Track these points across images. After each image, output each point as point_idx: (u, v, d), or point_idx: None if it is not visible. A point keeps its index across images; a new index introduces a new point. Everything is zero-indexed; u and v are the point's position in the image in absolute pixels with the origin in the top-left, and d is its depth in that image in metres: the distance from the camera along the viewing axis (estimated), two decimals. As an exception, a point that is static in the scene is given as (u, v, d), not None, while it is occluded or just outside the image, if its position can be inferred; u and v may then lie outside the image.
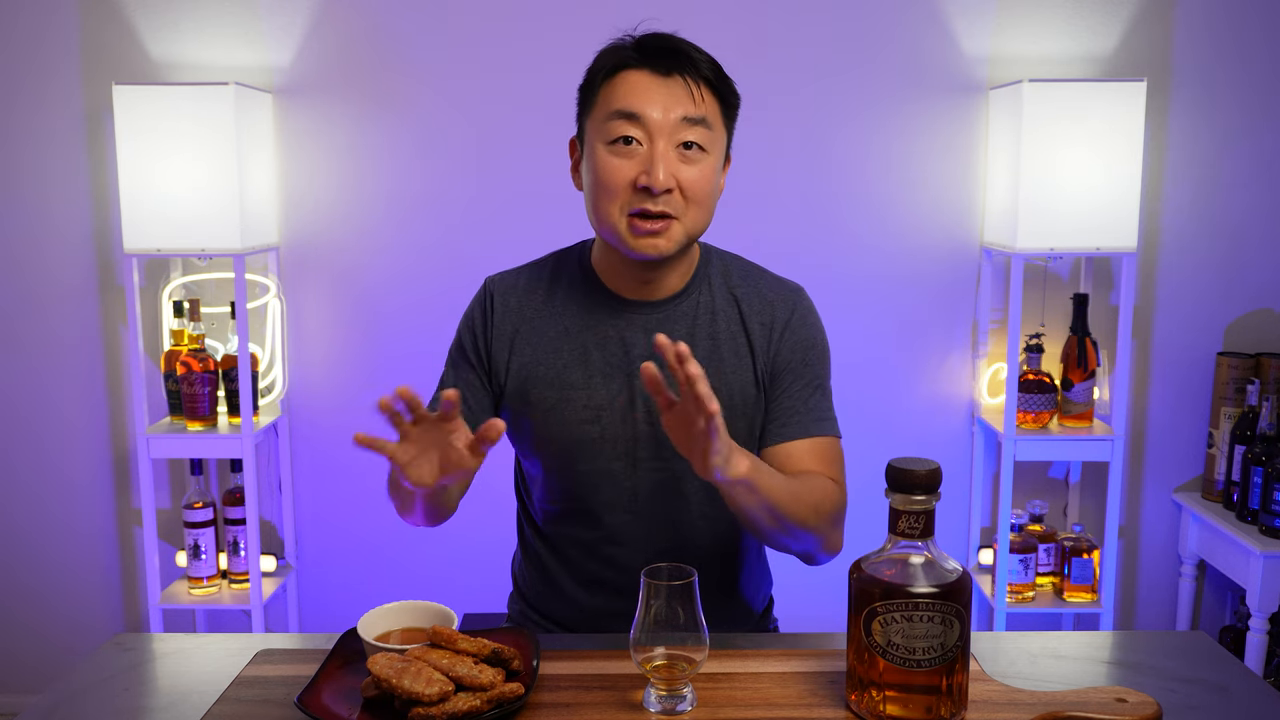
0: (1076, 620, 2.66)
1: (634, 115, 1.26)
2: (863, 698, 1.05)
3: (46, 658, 2.70)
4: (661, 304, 1.38)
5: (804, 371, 1.39)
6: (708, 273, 1.41)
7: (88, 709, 1.12)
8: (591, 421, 1.36)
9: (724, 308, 1.40)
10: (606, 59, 1.31)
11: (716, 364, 1.37)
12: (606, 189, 1.28)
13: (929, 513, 1.03)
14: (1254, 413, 2.43)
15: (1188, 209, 2.56)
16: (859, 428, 2.59)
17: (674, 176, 1.26)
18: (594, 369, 1.37)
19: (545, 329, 1.39)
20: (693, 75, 1.28)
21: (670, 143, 1.26)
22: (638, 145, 1.27)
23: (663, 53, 1.28)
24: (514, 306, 1.41)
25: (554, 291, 1.41)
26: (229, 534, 2.50)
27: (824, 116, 2.52)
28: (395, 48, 2.49)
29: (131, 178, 2.29)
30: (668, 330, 1.38)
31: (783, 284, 1.44)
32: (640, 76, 1.28)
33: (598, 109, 1.30)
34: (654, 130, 1.26)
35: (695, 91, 1.28)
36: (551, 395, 1.37)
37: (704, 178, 1.29)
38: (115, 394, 2.62)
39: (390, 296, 2.58)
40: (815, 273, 2.55)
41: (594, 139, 1.30)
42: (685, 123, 1.27)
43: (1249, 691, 1.14)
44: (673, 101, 1.27)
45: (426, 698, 1.00)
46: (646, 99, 1.26)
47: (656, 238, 1.28)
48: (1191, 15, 2.49)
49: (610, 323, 1.38)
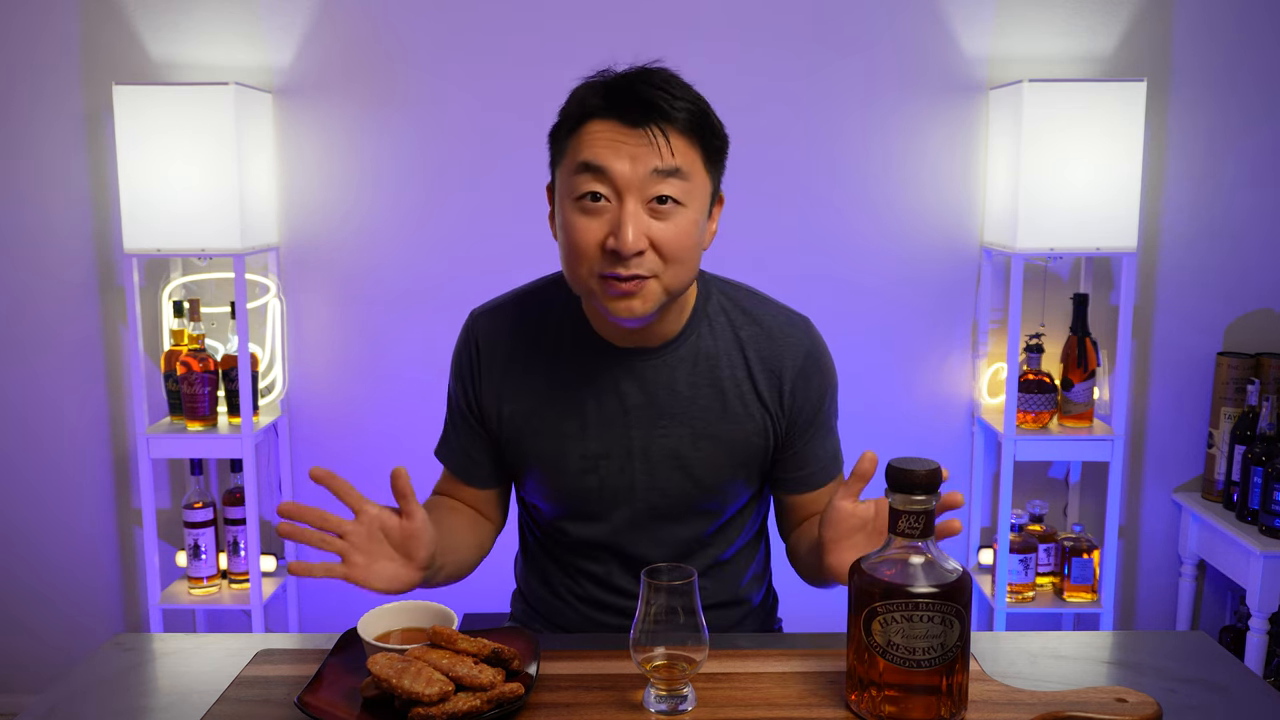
0: (1076, 620, 2.66)
1: (600, 169, 1.16)
2: (863, 698, 1.05)
3: (46, 658, 2.70)
4: (658, 350, 1.31)
5: (818, 419, 1.36)
6: (707, 311, 1.33)
7: (88, 709, 1.12)
8: (590, 471, 1.32)
9: (727, 351, 1.32)
10: (574, 107, 1.20)
11: (720, 410, 1.31)
12: (576, 252, 1.19)
13: (929, 513, 1.03)
14: (1254, 413, 2.43)
15: (1188, 209, 2.56)
16: (859, 428, 2.58)
17: (645, 236, 1.16)
18: (589, 420, 1.31)
19: (537, 380, 1.33)
20: (665, 125, 1.16)
21: (641, 199, 1.16)
22: (606, 202, 1.16)
23: (633, 101, 1.16)
24: (501, 357, 1.35)
25: (542, 337, 1.34)
26: (229, 534, 2.50)
27: (824, 116, 2.52)
28: (395, 48, 2.49)
29: (131, 178, 2.29)
30: (665, 379, 1.30)
31: (790, 323, 1.36)
32: (607, 128, 1.16)
33: (566, 160, 1.20)
34: (622, 186, 1.16)
35: (666, 144, 1.16)
36: (547, 446, 1.33)
37: (681, 233, 1.18)
38: (115, 394, 2.62)
39: (390, 296, 2.57)
40: (815, 273, 2.56)
41: (563, 194, 1.21)
42: (656, 175, 1.16)
43: (1249, 691, 1.14)
44: (641, 154, 1.15)
45: (426, 698, 1.00)
46: (613, 152, 1.15)
47: (631, 299, 1.18)
48: (1191, 15, 2.49)
49: (606, 373, 1.31)
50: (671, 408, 1.31)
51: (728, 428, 1.32)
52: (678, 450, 1.31)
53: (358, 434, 2.60)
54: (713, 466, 1.32)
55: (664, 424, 1.31)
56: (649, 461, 1.32)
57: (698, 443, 1.31)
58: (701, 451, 1.32)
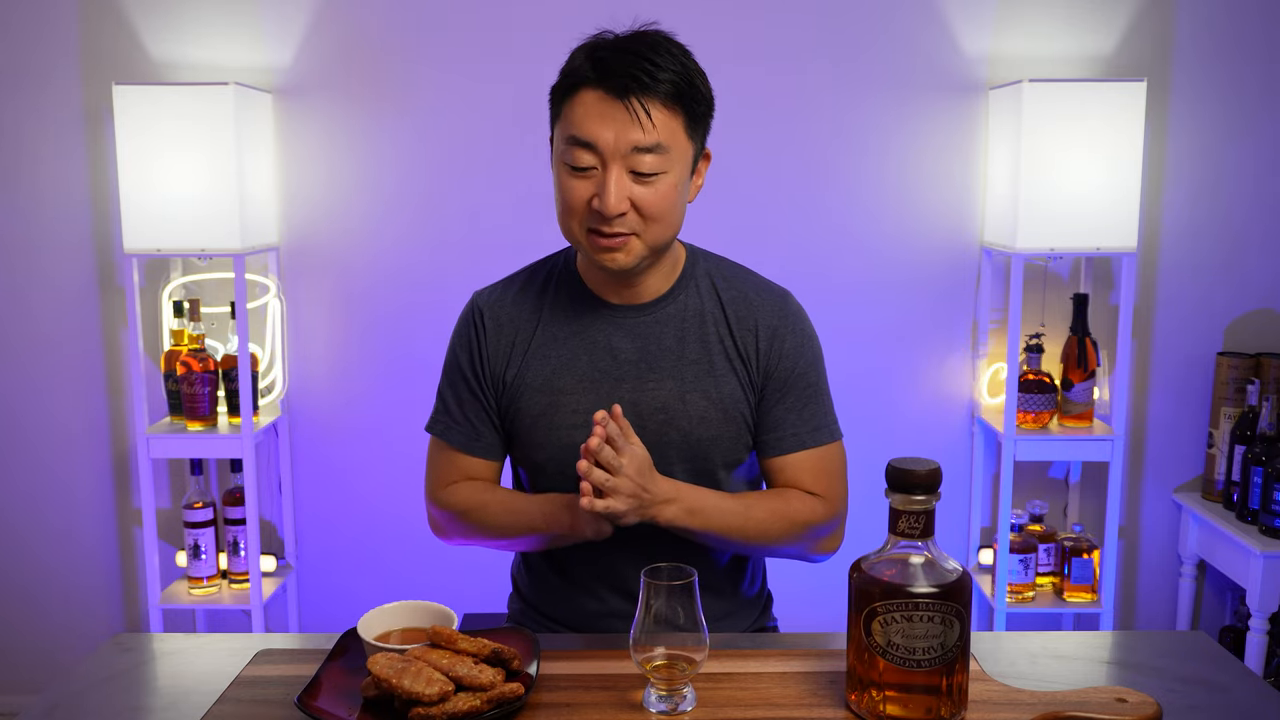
0: (1076, 620, 2.66)
1: (587, 144, 1.26)
2: (863, 698, 1.05)
3: (46, 658, 2.70)
4: (648, 307, 1.39)
5: (796, 381, 1.39)
6: (694, 274, 1.42)
7: (88, 709, 1.12)
8: (581, 426, 1.35)
9: (712, 311, 1.40)
10: (568, 74, 1.30)
11: (707, 367, 1.38)
12: (567, 207, 1.30)
13: (929, 513, 1.03)
14: (1254, 413, 2.43)
15: (1188, 209, 2.56)
16: (859, 428, 2.58)
17: (627, 199, 1.26)
18: (582, 374, 1.38)
19: (535, 338, 1.40)
20: (647, 98, 1.25)
21: (624, 166, 1.26)
22: (594, 169, 1.27)
23: (618, 73, 1.25)
24: (505, 321, 1.42)
25: (542, 299, 1.42)
26: (229, 534, 2.50)
27: (824, 116, 2.52)
28: (395, 48, 2.49)
29: (131, 178, 2.29)
30: (656, 333, 1.38)
31: (769, 289, 1.44)
32: (594, 98, 1.26)
33: (560, 125, 1.31)
34: (607, 155, 1.26)
35: (645, 120, 1.25)
36: (541, 401, 1.38)
37: (661, 196, 1.28)
38: (115, 394, 2.62)
39: (390, 296, 2.57)
40: (815, 273, 2.56)
41: (557, 154, 1.32)
42: (636, 151, 1.25)
43: (1249, 691, 1.14)
44: (625, 127, 1.25)
45: (426, 698, 1.00)
46: (599, 124, 1.25)
47: (615, 253, 1.30)
48: (1191, 15, 2.49)
49: (597, 328, 1.39)
50: (660, 362, 1.38)
51: (713, 383, 1.38)
52: (666, 404, 1.37)
53: (358, 434, 2.60)
54: (700, 421, 1.36)
55: (654, 378, 1.37)
56: (639, 415, 1.36)
57: (685, 397, 1.36)
58: (688, 406, 1.36)
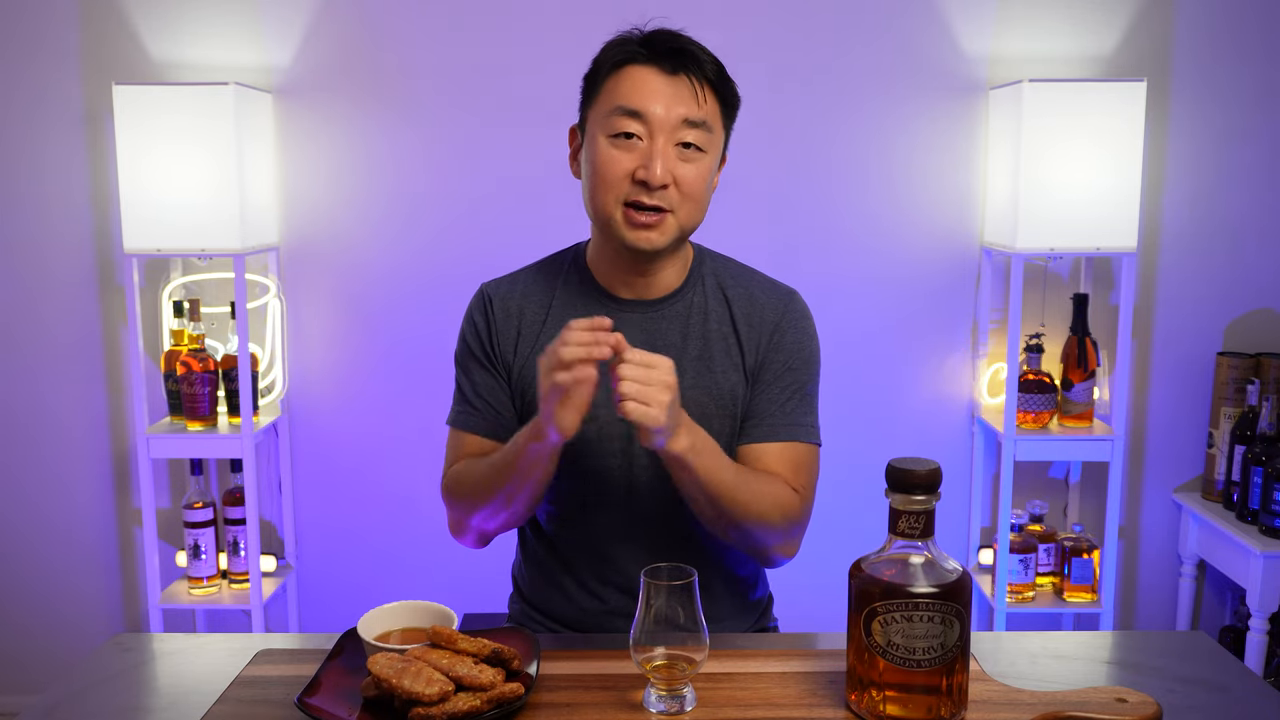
0: (1076, 620, 2.66)
1: (637, 113, 1.28)
2: (863, 698, 1.05)
3: (46, 658, 2.70)
4: (656, 303, 1.40)
5: (785, 375, 1.40)
6: (701, 273, 1.43)
7: (88, 709, 1.12)
8: (587, 420, 1.35)
9: (716, 308, 1.42)
10: (613, 52, 1.32)
11: (707, 363, 1.39)
12: (605, 180, 1.30)
13: (929, 513, 1.03)
14: (1254, 413, 2.43)
15: (1188, 209, 2.56)
16: (859, 428, 2.59)
17: (671, 173, 1.28)
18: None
19: (544, 327, 1.41)
20: (698, 75, 1.30)
21: (670, 140, 1.29)
22: (638, 140, 1.29)
23: (670, 51, 1.30)
24: (514, 310, 1.43)
25: (551, 291, 1.43)
26: (229, 534, 2.50)
27: (824, 117, 2.52)
28: (395, 48, 2.49)
29: (131, 178, 2.29)
30: (662, 329, 1.40)
31: (775, 287, 1.46)
32: (646, 73, 1.29)
33: (601, 101, 1.32)
34: (655, 127, 1.28)
35: (700, 93, 1.29)
36: None
37: (700, 176, 1.31)
38: (115, 394, 2.62)
39: (390, 296, 2.57)
40: (815, 273, 2.55)
41: (595, 130, 1.32)
42: (686, 125, 1.29)
43: (1249, 691, 1.14)
44: (676, 101, 1.28)
45: (426, 698, 1.00)
46: (651, 97, 1.28)
47: (650, 230, 1.30)
48: (1191, 15, 2.49)
49: None
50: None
51: (714, 378, 1.39)
52: None
53: (358, 434, 2.60)
54: (699, 418, 1.36)
55: None
56: None
57: (687, 393, 1.36)
58: (688, 402, 1.36)
